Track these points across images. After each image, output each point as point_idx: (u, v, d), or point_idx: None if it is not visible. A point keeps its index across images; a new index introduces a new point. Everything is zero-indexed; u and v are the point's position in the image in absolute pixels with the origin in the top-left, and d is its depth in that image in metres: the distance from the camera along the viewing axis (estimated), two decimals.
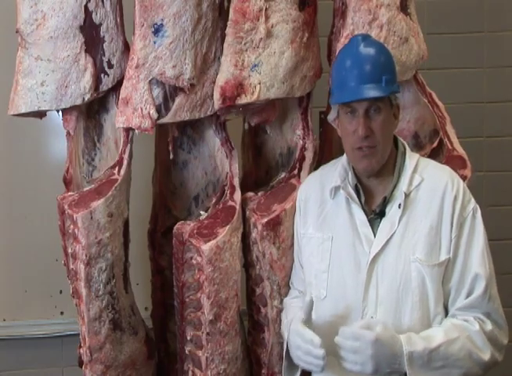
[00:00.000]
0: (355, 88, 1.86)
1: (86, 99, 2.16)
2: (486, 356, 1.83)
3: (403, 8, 2.20)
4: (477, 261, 1.87)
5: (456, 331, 1.82)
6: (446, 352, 1.79)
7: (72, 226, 2.10)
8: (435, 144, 2.27)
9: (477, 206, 1.92)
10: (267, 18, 2.09)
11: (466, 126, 2.90)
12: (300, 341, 1.87)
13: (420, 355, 1.78)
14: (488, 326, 1.85)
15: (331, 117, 1.98)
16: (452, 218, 1.87)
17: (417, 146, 2.30)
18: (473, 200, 1.92)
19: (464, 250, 1.87)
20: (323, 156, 2.34)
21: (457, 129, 2.30)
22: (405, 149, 1.98)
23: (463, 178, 2.07)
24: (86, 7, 2.14)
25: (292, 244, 2.12)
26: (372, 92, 1.85)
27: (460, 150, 2.24)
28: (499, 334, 1.87)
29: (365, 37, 1.93)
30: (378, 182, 1.94)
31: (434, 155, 2.23)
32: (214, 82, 2.14)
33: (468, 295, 1.86)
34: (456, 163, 2.17)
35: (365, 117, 1.86)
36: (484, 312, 1.86)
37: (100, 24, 2.17)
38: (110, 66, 2.19)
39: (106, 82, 2.19)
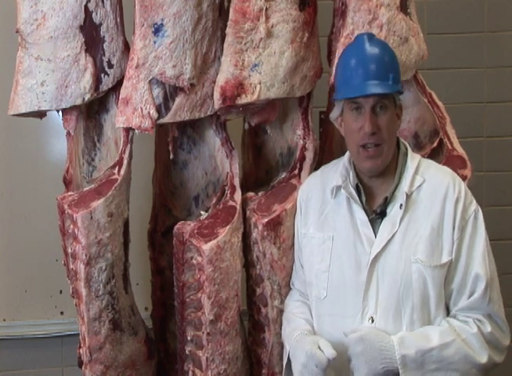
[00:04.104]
0: (361, 83, 1.85)
1: (86, 99, 2.16)
2: (483, 358, 1.82)
3: (403, 8, 2.20)
4: (478, 262, 1.86)
5: (452, 334, 1.82)
6: (440, 356, 1.79)
7: (72, 226, 2.10)
8: (435, 144, 2.27)
9: (479, 208, 1.91)
10: (267, 18, 2.09)
11: (467, 126, 2.91)
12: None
13: (412, 358, 1.78)
14: (488, 328, 1.84)
15: (334, 115, 1.96)
16: (454, 220, 1.87)
17: (417, 146, 2.30)
18: (474, 202, 1.92)
19: (466, 252, 1.87)
20: (324, 156, 2.34)
21: (457, 129, 2.29)
22: (406, 149, 1.97)
23: (463, 178, 2.07)
24: (86, 7, 2.14)
25: (292, 244, 2.12)
26: (379, 87, 1.85)
27: (460, 150, 2.24)
28: (500, 336, 1.86)
29: (371, 37, 1.93)
30: (379, 182, 1.93)
31: (434, 155, 2.23)
32: (214, 82, 2.14)
33: (470, 296, 1.86)
34: (456, 163, 2.17)
35: (371, 114, 1.85)
36: (485, 313, 1.86)
37: (100, 24, 2.17)
38: (110, 66, 2.19)
39: (106, 82, 2.19)
